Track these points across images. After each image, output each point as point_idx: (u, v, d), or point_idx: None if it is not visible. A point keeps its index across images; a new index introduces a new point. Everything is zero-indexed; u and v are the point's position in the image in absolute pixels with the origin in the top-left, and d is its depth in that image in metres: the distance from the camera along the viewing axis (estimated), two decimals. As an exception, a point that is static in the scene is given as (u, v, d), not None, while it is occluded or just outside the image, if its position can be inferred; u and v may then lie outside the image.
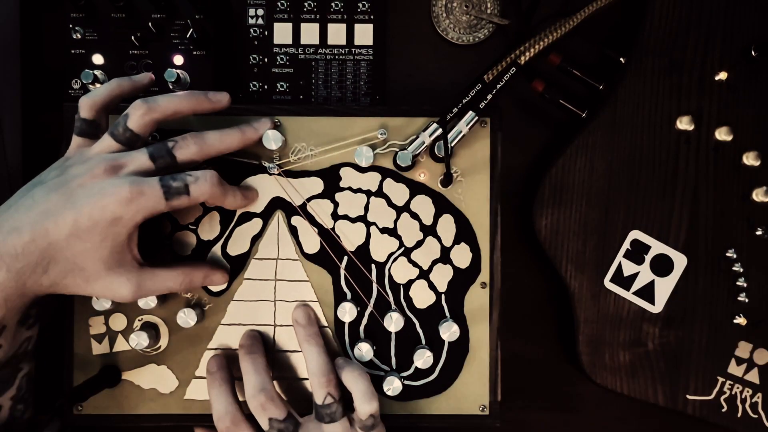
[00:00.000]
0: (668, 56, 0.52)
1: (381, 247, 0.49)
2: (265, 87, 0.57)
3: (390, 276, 0.49)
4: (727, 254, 0.52)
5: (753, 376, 0.52)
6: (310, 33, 0.56)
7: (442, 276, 0.49)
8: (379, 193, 0.49)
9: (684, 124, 0.52)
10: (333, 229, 0.49)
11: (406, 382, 0.49)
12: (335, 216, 0.49)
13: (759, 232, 0.52)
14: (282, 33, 0.56)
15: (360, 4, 0.56)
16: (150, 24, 0.52)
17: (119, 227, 0.41)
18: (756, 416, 0.52)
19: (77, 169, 0.42)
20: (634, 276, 0.52)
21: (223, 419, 0.45)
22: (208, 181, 0.43)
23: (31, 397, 0.46)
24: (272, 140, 0.47)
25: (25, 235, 0.40)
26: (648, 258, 0.52)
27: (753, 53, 0.51)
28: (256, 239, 0.49)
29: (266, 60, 0.56)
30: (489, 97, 0.48)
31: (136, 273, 0.43)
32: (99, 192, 0.40)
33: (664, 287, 0.52)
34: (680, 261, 0.52)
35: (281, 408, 0.45)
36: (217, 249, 0.49)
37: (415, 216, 0.49)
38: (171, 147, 0.43)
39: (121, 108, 0.45)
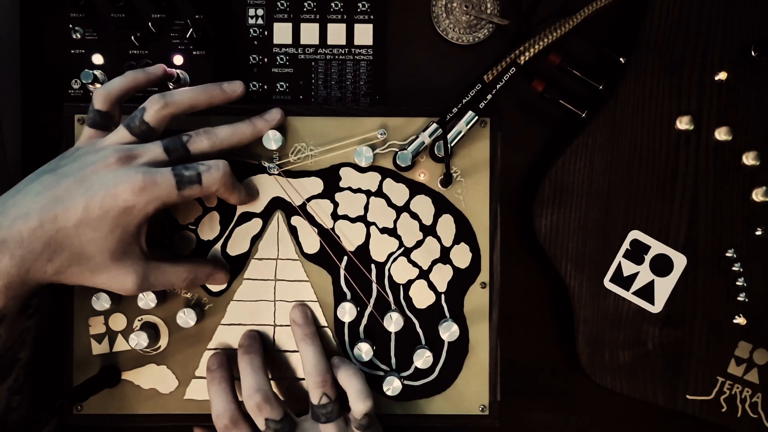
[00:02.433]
0: (668, 56, 0.52)
1: (381, 247, 0.49)
2: (265, 87, 0.57)
3: (390, 276, 0.49)
4: (727, 254, 0.52)
5: (753, 376, 0.52)
6: (310, 33, 0.56)
7: (441, 276, 0.49)
8: (379, 193, 0.49)
9: (684, 124, 0.52)
10: (333, 229, 0.49)
11: (405, 382, 0.49)
12: (335, 216, 0.49)
13: (759, 232, 0.52)
14: (282, 33, 0.56)
15: (360, 4, 0.56)
16: (150, 24, 0.52)
17: (130, 217, 0.40)
18: (756, 416, 0.52)
19: (90, 158, 0.42)
20: (634, 276, 0.52)
21: (222, 417, 0.45)
22: (220, 170, 0.43)
23: (28, 388, 0.45)
24: (272, 140, 0.47)
25: (33, 221, 0.39)
26: (648, 258, 0.52)
27: (753, 53, 0.51)
28: (255, 239, 0.49)
29: (266, 60, 0.57)
30: (489, 97, 0.48)
31: (142, 266, 0.42)
32: (112, 180, 0.40)
33: (664, 287, 0.52)
34: (680, 261, 0.52)
35: (277, 409, 0.45)
36: (216, 249, 0.49)
37: (414, 216, 0.49)
38: (185, 141, 0.43)
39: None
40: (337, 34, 0.56)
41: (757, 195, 0.52)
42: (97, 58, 0.53)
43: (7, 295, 0.39)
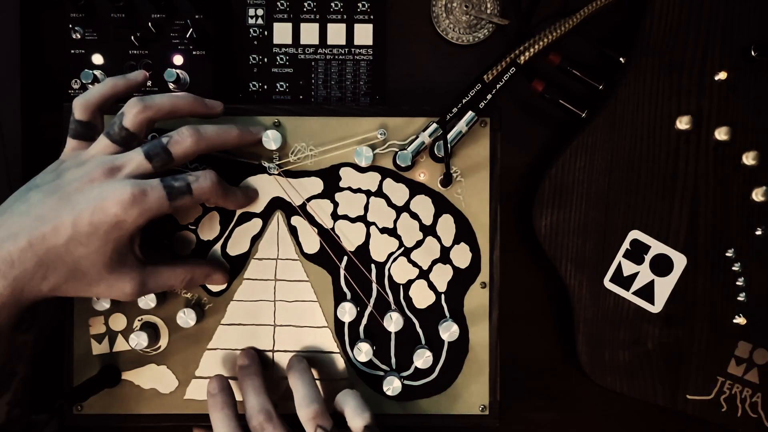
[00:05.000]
0: (668, 56, 0.52)
1: (381, 247, 0.49)
2: (265, 87, 0.57)
3: (390, 276, 0.49)
4: (727, 254, 0.52)
5: (753, 376, 0.52)
6: (309, 33, 0.56)
7: (441, 276, 0.49)
8: (379, 193, 0.49)
9: (684, 124, 0.52)
10: (333, 229, 0.49)
11: (405, 382, 0.49)
12: (335, 216, 0.49)
13: (759, 232, 0.52)
14: (282, 33, 0.56)
15: (360, 4, 0.56)
16: (150, 24, 0.52)
17: (121, 230, 0.40)
18: (755, 416, 0.52)
19: (74, 173, 0.41)
20: (634, 276, 0.52)
21: None
22: (209, 180, 0.43)
23: (27, 401, 0.46)
24: (272, 140, 0.47)
25: (21, 241, 0.39)
26: (648, 258, 0.52)
27: (753, 53, 0.51)
28: (255, 239, 0.49)
29: (266, 60, 0.57)
30: (489, 97, 0.48)
31: (138, 272, 0.42)
32: (99, 195, 0.40)
33: (664, 287, 0.52)
34: (680, 261, 0.52)
35: (280, 428, 0.44)
36: (216, 249, 0.49)
37: (414, 216, 0.49)
38: (166, 143, 0.42)
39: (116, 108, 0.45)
40: (337, 34, 0.56)
41: (757, 195, 0.52)
42: (97, 58, 0.53)
43: (0, 314, 0.39)
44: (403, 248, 0.49)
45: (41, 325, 0.46)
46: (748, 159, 0.52)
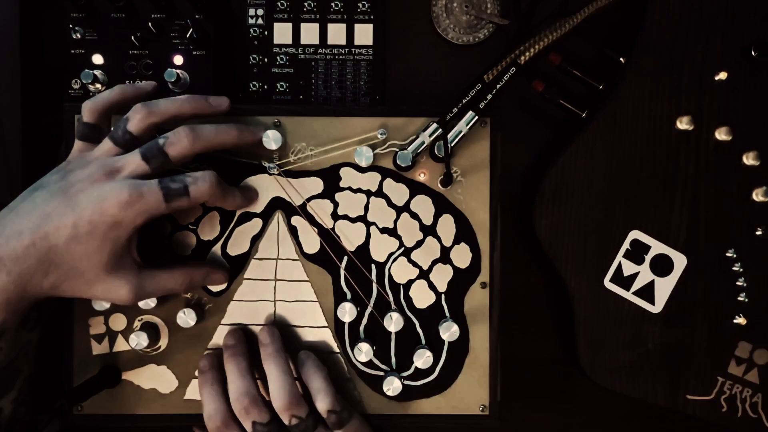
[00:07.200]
0: (668, 56, 0.52)
1: (381, 247, 0.49)
2: (265, 87, 0.57)
3: (390, 276, 0.49)
4: (727, 254, 0.52)
5: (753, 376, 0.52)
6: (310, 33, 0.56)
7: (442, 276, 0.49)
8: (379, 193, 0.49)
9: (684, 124, 0.52)
10: (333, 229, 0.49)
11: (406, 382, 0.49)
12: (335, 216, 0.49)
13: (759, 232, 0.52)
14: (282, 33, 0.56)
15: (360, 4, 0.56)
16: (150, 24, 0.52)
17: (119, 231, 0.41)
18: (756, 416, 0.52)
19: (77, 174, 0.42)
20: (634, 276, 0.52)
21: (214, 419, 0.45)
22: (207, 181, 0.43)
23: (31, 399, 0.46)
24: (272, 140, 0.47)
25: (26, 239, 0.40)
26: (648, 258, 0.52)
27: (753, 53, 0.51)
28: (256, 239, 0.49)
29: (266, 60, 0.57)
30: (489, 97, 0.48)
31: (136, 275, 0.43)
32: (98, 196, 0.40)
33: (664, 287, 0.52)
34: (680, 261, 0.52)
35: (264, 412, 0.45)
36: (217, 249, 0.49)
37: (415, 216, 0.49)
38: (162, 144, 0.42)
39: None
40: (337, 34, 0.56)
41: (757, 195, 0.52)
42: (97, 58, 0.53)
43: (6, 309, 0.40)
44: (403, 248, 0.49)
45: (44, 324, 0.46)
46: (748, 159, 0.52)
